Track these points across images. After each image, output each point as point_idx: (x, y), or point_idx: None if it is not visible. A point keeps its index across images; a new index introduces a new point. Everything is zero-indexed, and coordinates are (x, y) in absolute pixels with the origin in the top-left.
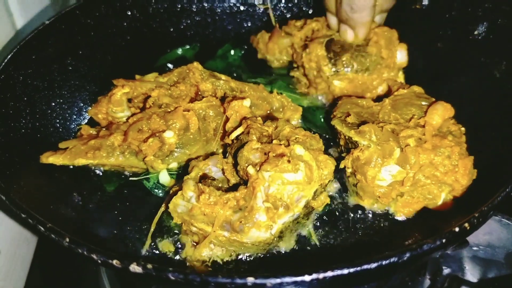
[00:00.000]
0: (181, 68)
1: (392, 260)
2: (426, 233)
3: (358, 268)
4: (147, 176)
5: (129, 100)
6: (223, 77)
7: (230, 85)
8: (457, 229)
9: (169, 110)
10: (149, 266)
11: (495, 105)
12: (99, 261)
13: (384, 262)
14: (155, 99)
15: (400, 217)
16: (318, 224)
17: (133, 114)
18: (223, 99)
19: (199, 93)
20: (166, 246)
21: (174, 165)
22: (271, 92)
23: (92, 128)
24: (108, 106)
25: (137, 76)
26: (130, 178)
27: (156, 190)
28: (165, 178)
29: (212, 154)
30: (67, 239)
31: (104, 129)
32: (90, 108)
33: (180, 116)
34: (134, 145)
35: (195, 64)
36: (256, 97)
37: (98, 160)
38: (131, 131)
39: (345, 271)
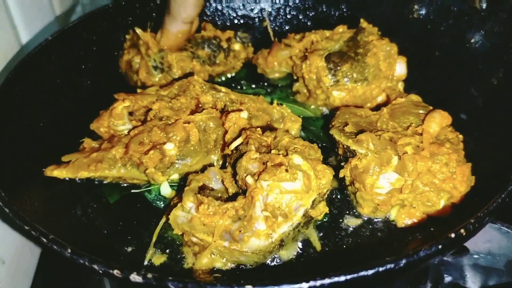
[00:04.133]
0: (182, 81)
1: (388, 266)
2: (425, 239)
3: (355, 275)
4: (149, 188)
5: (131, 113)
6: (223, 89)
7: (230, 97)
8: (453, 235)
9: (170, 123)
10: (149, 275)
11: (493, 112)
12: (100, 271)
13: (380, 269)
14: (156, 112)
15: (400, 224)
16: (318, 232)
17: (134, 127)
18: (223, 111)
19: (200, 105)
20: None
21: (175, 176)
22: (271, 103)
23: (94, 141)
24: (110, 120)
25: (139, 90)
26: (132, 190)
27: (157, 202)
28: (166, 190)
29: (211, 165)
30: (69, 250)
31: (106, 142)
32: (92, 121)
33: (181, 128)
34: (135, 158)
35: (195, 77)
36: (256, 108)
37: (100, 172)
38: (132, 143)
39: (342, 278)
